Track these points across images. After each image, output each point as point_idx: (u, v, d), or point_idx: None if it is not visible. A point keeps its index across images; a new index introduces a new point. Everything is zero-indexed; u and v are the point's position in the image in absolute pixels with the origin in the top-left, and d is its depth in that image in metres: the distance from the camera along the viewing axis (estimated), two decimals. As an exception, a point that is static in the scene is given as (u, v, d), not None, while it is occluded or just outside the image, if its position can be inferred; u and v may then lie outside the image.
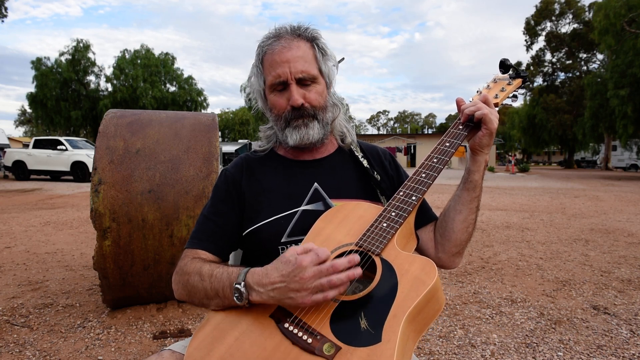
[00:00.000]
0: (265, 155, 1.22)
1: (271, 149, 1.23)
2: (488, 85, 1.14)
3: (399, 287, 0.84)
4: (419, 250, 1.15)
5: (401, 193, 1.02)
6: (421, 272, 0.86)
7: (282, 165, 1.19)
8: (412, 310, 0.80)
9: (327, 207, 1.11)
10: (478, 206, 1.08)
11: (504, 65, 1.14)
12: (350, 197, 1.13)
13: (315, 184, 1.14)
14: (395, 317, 0.79)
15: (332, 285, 0.80)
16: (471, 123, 1.04)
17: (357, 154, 1.21)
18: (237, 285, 0.89)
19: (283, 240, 1.08)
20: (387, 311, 0.81)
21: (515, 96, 1.14)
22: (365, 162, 1.20)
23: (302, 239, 1.03)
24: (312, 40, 1.11)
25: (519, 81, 1.14)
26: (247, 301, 0.88)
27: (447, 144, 1.04)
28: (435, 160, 1.04)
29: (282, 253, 1.07)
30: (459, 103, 1.08)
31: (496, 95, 1.10)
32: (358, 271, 0.82)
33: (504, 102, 1.12)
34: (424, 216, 1.16)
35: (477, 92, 1.14)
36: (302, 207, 1.11)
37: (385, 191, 1.17)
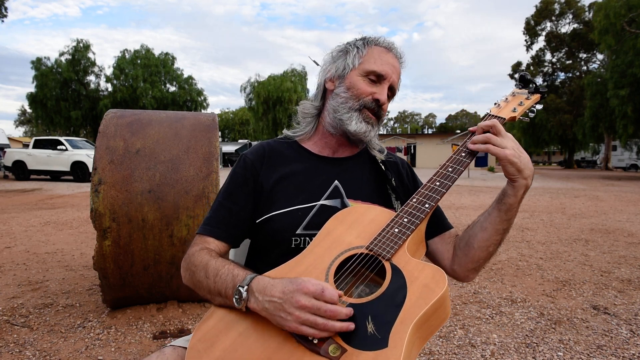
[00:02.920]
0: (289, 145, 1.23)
1: (294, 141, 1.24)
2: (506, 99, 1.14)
3: (407, 293, 0.84)
4: (433, 259, 1.15)
5: (414, 200, 1.02)
6: (431, 281, 0.85)
7: (305, 158, 1.20)
8: (420, 318, 0.79)
9: (344, 205, 1.11)
10: (507, 229, 1.04)
11: (524, 80, 1.14)
12: (366, 199, 1.14)
13: (336, 181, 1.15)
14: (402, 324, 0.79)
15: (327, 329, 0.79)
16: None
17: (377, 159, 1.23)
18: (239, 287, 0.88)
19: (299, 232, 1.08)
20: (395, 317, 0.80)
21: (532, 111, 1.13)
22: (383, 167, 1.22)
23: (317, 233, 1.03)
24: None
25: (537, 96, 1.13)
26: (244, 305, 0.87)
27: (463, 154, 1.04)
28: (450, 169, 1.03)
29: (294, 244, 1.07)
30: (471, 131, 1.06)
31: (514, 109, 1.09)
32: (352, 326, 0.80)
33: (521, 117, 1.11)
34: (439, 225, 1.17)
35: (495, 104, 1.13)
36: (321, 202, 1.11)
37: (400, 197, 1.18)
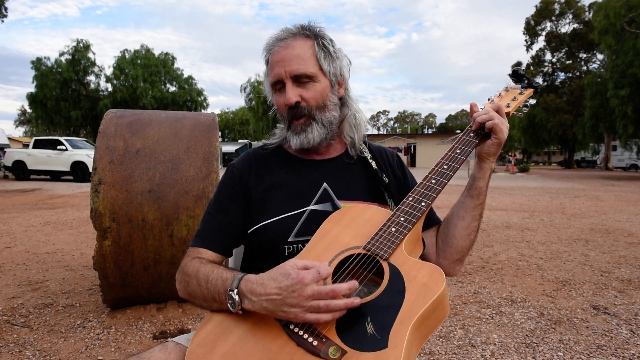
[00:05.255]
0: (274, 151, 1.20)
1: (280, 145, 1.21)
2: (500, 94, 1.14)
3: (406, 293, 0.84)
4: (421, 255, 1.15)
5: (410, 198, 1.01)
6: (429, 279, 0.85)
7: (291, 163, 1.17)
8: (419, 318, 0.79)
9: (335, 208, 1.09)
10: (481, 213, 1.07)
11: (517, 75, 1.13)
12: (358, 199, 1.12)
13: (325, 184, 1.13)
14: (402, 323, 0.79)
15: (329, 309, 0.79)
16: (482, 131, 1.03)
17: (365, 155, 1.20)
18: (230, 292, 0.87)
19: (290, 239, 1.06)
20: (394, 317, 0.80)
21: (526, 106, 1.13)
22: (374, 164, 1.19)
23: (310, 239, 1.02)
24: (315, 38, 1.09)
25: (530, 91, 1.13)
26: (240, 308, 0.87)
27: (458, 151, 1.04)
28: (445, 166, 1.03)
29: (287, 252, 1.06)
30: (472, 108, 1.06)
31: (508, 104, 1.09)
32: (356, 301, 0.80)
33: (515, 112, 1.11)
34: (428, 220, 1.15)
35: (489, 99, 1.13)
36: (310, 207, 1.09)
37: (393, 194, 1.16)
